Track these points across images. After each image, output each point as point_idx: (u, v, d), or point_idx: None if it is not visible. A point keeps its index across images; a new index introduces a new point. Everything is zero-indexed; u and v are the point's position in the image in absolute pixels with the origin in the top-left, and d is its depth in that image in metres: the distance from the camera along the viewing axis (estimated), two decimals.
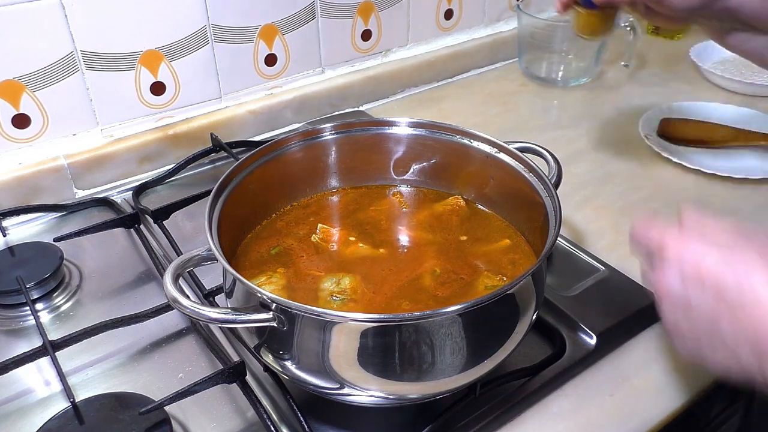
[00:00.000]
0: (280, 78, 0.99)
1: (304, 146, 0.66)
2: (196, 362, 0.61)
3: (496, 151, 0.63)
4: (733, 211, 0.79)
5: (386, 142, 0.68)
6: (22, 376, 0.60)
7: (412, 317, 0.46)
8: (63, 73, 0.81)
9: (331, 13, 0.98)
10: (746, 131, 0.92)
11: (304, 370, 0.49)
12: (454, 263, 0.60)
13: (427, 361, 0.47)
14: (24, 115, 0.80)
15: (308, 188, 0.69)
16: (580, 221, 0.78)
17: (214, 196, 0.56)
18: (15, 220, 0.80)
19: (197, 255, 0.52)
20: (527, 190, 0.59)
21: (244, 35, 0.92)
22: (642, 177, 0.87)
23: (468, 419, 0.54)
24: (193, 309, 0.46)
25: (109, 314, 0.64)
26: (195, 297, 0.67)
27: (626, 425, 0.55)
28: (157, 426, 0.52)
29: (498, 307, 0.49)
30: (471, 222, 0.66)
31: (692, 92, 1.07)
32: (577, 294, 0.66)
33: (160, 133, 0.90)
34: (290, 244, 0.63)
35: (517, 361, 0.58)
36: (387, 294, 0.56)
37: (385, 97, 1.10)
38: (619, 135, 0.97)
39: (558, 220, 0.53)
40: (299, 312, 0.46)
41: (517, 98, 1.09)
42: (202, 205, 0.60)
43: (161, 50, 0.86)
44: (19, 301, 0.67)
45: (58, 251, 0.71)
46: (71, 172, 0.84)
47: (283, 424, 0.54)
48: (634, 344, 0.62)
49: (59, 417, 0.53)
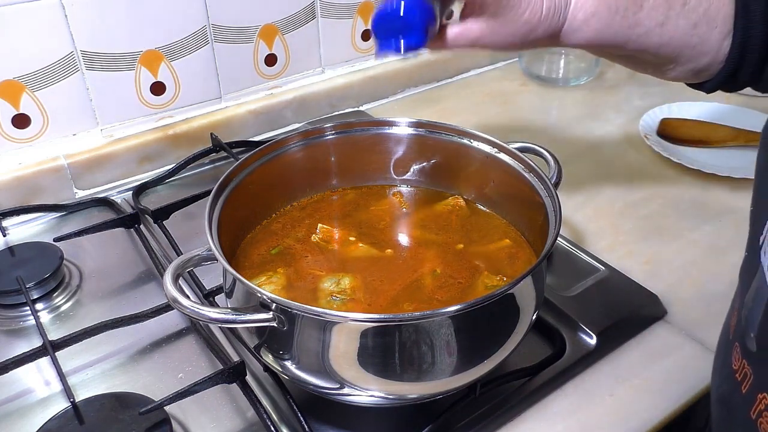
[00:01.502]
0: (280, 78, 0.99)
1: (304, 146, 0.66)
2: (196, 362, 0.61)
3: (496, 151, 0.63)
4: (733, 211, 0.79)
5: (386, 142, 0.68)
6: (22, 376, 0.60)
7: (412, 317, 0.46)
8: (63, 73, 0.81)
9: (331, 13, 0.98)
10: (746, 131, 0.92)
11: (304, 370, 0.49)
12: (454, 263, 0.60)
13: (427, 361, 0.47)
14: (24, 115, 0.80)
15: (308, 188, 0.69)
16: (580, 221, 0.78)
17: (214, 196, 0.56)
18: (15, 220, 0.80)
19: (197, 255, 0.52)
20: (527, 190, 0.59)
21: (244, 35, 0.92)
22: (642, 177, 0.87)
23: (468, 419, 0.54)
24: (193, 309, 0.46)
25: (109, 314, 0.64)
26: (195, 297, 0.67)
27: (626, 425, 0.55)
28: (157, 426, 0.52)
29: (498, 307, 0.49)
30: (471, 222, 0.66)
31: (692, 92, 1.07)
32: (577, 294, 0.66)
33: (160, 133, 0.90)
34: (290, 244, 0.63)
35: (517, 361, 0.58)
36: (387, 294, 0.56)
37: (385, 97, 1.10)
38: (619, 135, 0.97)
39: (558, 220, 0.53)
40: (299, 312, 0.46)
41: (517, 98, 1.09)
42: (202, 205, 0.60)
43: (161, 50, 0.86)
44: (19, 301, 0.67)
45: (58, 251, 0.71)
46: (71, 172, 0.84)
47: (283, 424, 0.54)
48: (634, 344, 0.62)
49: (59, 417, 0.53)
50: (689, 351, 0.62)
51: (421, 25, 0.55)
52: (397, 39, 0.56)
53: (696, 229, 0.77)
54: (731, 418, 0.43)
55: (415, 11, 0.55)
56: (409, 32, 0.55)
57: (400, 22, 0.55)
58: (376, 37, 0.57)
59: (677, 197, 0.83)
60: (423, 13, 0.55)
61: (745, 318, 0.41)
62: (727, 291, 0.58)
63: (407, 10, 0.54)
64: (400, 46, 0.55)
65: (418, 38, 0.55)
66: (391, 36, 0.56)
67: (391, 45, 0.56)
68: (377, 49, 0.57)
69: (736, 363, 0.42)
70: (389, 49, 0.56)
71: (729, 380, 0.43)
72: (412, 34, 0.55)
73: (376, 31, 0.57)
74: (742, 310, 0.42)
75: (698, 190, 0.84)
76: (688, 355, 0.61)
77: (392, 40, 0.56)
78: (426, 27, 0.56)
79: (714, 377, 0.49)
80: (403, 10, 0.54)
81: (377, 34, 0.57)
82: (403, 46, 0.55)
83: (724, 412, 0.45)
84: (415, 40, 0.55)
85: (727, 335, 0.46)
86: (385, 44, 0.56)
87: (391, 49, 0.56)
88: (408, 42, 0.55)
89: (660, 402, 0.57)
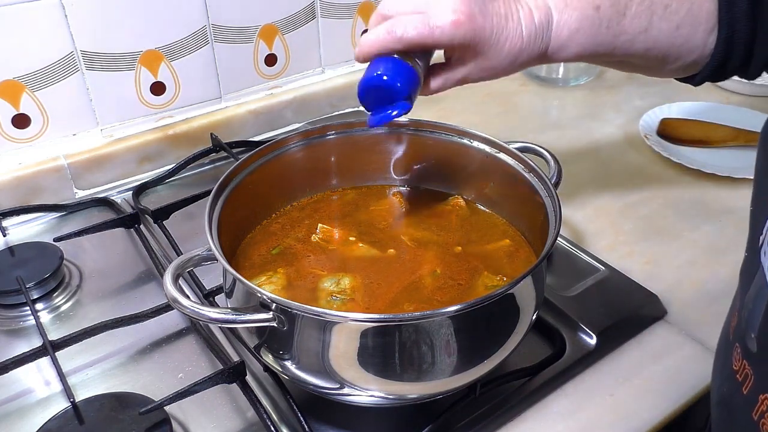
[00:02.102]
0: (280, 78, 0.99)
1: (304, 146, 0.66)
2: (196, 362, 0.61)
3: (495, 151, 0.63)
4: (733, 211, 0.79)
5: (386, 142, 0.68)
6: (22, 376, 0.60)
7: (412, 317, 0.46)
8: (63, 73, 0.81)
9: (331, 13, 0.98)
10: (746, 131, 0.92)
11: (304, 370, 0.49)
12: (454, 264, 0.60)
13: (427, 361, 0.47)
14: (24, 115, 0.80)
15: (308, 188, 0.69)
16: (580, 221, 0.78)
17: (214, 196, 0.56)
18: (15, 220, 0.80)
19: (197, 255, 0.52)
20: (527, 190, 0.59)
21: (244, 35, 0.92)
22: (642, 177, 0.87)
23: (468, 419, 0.54)
24: (193, 309, 0.46)
25: (109, 314, 0.64)
26: (195, 297, 0.67)
27: (626, 425, 0.55)
28: (157, 426, 0.52)
29: (498, 307, 0.49)
30: (471, 222, 0.66)
31: (692, 92, 1.07)
32: (577, 294, 0.66)
33: (160, 133, 0.90)
34: (290, 244, 0.63)
35: (517, 361, 0.58)
36: (387, 294, 0.56)
37: None
38: (619, 135, 0.97)
39: (558, 220, 0.53)
40: (299, 312, 0.46)
41: (517, 98, 1.09)
42: (202, 205, 0.60)
43: (161, 50, 0.86)
44: (19, 301, 0.67)
45: (58, 251, 0.71)
46: (71, 172, 0.84)
47: (283, 424, 0.54)
48: (634, 344, 0.62)
49: (59, 417, 0.53)
50: (689, 351, 0.62)
51: (407, 90, 0.56)
52: (386, 108, 0.56)
53: (696, 229, 0.77)
54: (732, 420, 0.43)
55: (399, 78, 0.55)
56: (397, 99, 0.55)
57: (386, 93, 0.55)
58: (366, 109, 0.58)
59: (677, 197, 0.83)
60: (407, 78, 0.55)
61: (746, 319, 0.41)
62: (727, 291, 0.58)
63: (390, 79, 0.54)
64: (390, 110, 0.56)
65: (406, 104, 0.56)
66: (380, 106, 0.56)
67: (383, 115, 0.56)
68: (369, 120, 0.58)
69: (737, 364, 0.42)
70: (381, 118, 0.57)
71: (730, 381, 0.43)
72: (400, 101, 0.56)
73: (365, 104, 0.58)
74: (742, 310, 0.42)
75: (698, 190, 0.84)
76: (688, 355, 0.61)
77: (383, 110, 0.56)
78: (411, 90, 0.56)
79: (714, 378, 0.49)
80: (386, 81, 0.54)
81: (367, 108, 0.58)
82: (392, 110, 0.56)
83: (725, 414, 0.45)
84: (404, 106, 0.56)
85: (727, 336, 0.46)
86: (377, 115, 0.57)
87: (383, 118, 0.56)
88: (398, 109, 0.56)
89: (660, 402, 0.57)
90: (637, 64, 0.62)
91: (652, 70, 0.63)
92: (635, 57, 0.60)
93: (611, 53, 0.59)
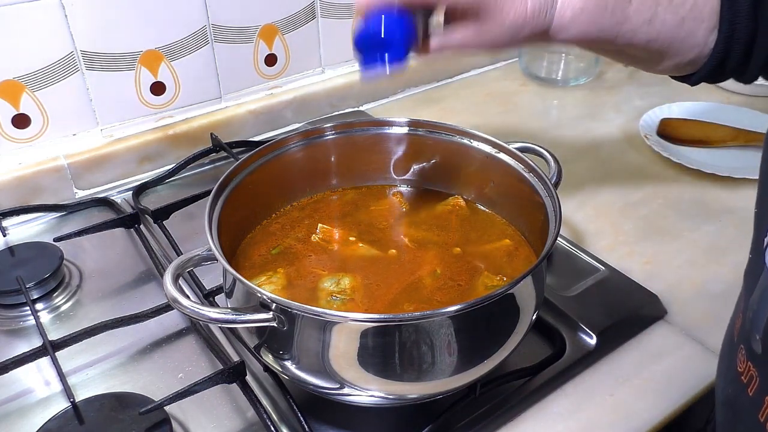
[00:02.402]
0: (280, 78, 0.99)
1: (304, 146, 0.66)
2: (196, 362, 0.61)
3: (496, 151, 0.63)
4: (733, 211, 0.79)
5: (386, 142, 0.68)
6: (22, 376, 0.60)
7: (412, 317, 0.46)
8: (63, 73, 0.81)
9: (331, 13, 0.98)
10: (746, 131, 0.92)
11: (304, 370, 0.49)
12: (454, 264, 0.60)
13: (427, 361, 0.47)
14: (24, 115, 0.80)
15: (308, 188, 0.69)
16: (580, 221, 0.78)
17: (214, 196, 0.56)
18: (15, 220, 0.80)
19: (197, 255, 0.52)
20: (527, 190, 0.59)
21: (244, 35, 0.92)
22: (642, 177, 0.87)
23: (468, 419, 0.54)
24: (193, 309, 0.46)
25: (109, 314, 0.64)
26: (195, 297, 0.67)
27: (626, 425, 0.55)
28: (157, 426, 0.52)
29: (498, 307, 0.49)
30: (471, 222, 0.66)
31: (692, 92, 1.07)
32: (577, 294, 0.66)
33: (160, 133, 0.90)
34: (290, 244, 0.63)
35: (517, 361, 0.58)
36: (387, 294, 0.56)
37: (385, 97, 1.10)
38: (619, 135, 0.97)
39: (558, 220, 0.53)
40: (299, 312, 0.46)
41: (518, 98, 1.09)
42: (202, 205, 0.60)
43: (161, 50, 0.86)
44: (19, 301, 0.67)
45: (58, 251, 0.71)
46: (71, 172, 0.84)
47: (283, 424, 0.54)
48: (634, 344, 0.62)
49: (59, 417, 0.53)
50: (689, 351, 0.62)
51: (403, 40, 0.56)
52: (380, 56, 0.56)
53: (696, 229, 0.77)
54: (738, 421, 0.43)
55: (396, 27, 0.55)
56: (391, 48, 0.56)
57: (381, 40, 0.55)
58: (359, 55, 0.58)
59: (677, 197, 0.83)
60: (403, 28, 0.56)
61: (750, 320, 0.41)
62: (728, 291, 0.58)
63: (387, 27, 0.55)
64: (384, 63, 0.56)
65: (400, 53, 0.56)
66: (375, 53, 0.57)
67: (375, 62, 0.57)
68: (361, 67, 0.58)
69: (742, 365, 0.42)
70: (373, 65, 0.57)
71: (734, 383, 0.43)
72: (394, 50, 0.56)
73: (360, 49, 0.58)
74: (746, 312, 0.42)
75: (698, 190, 0.84)
76: (688, 355, 0.61)
77: (376, 57, 0.57)
78: (407, 41, 0.56)
79: (719, 380, 0.49)
80: (383, 28, 0.55)
81: (360, 52, 0.58)
82: (387, 62, 0.56)
83: (730, 415, 0.45)
84: (398, 55, 0.56)
85: (731, 337, 0.46)
86: (369, 62, 0.57)
87: (376, 65, 0.57)
88: (391, 58, 0.56)
89: (660, 402, 0.57)
90: (635, 56, 0.62)
91: (650, 63, 0.63)
92: (636, 48, 0.60)
93: (613, 41, 0.59)
